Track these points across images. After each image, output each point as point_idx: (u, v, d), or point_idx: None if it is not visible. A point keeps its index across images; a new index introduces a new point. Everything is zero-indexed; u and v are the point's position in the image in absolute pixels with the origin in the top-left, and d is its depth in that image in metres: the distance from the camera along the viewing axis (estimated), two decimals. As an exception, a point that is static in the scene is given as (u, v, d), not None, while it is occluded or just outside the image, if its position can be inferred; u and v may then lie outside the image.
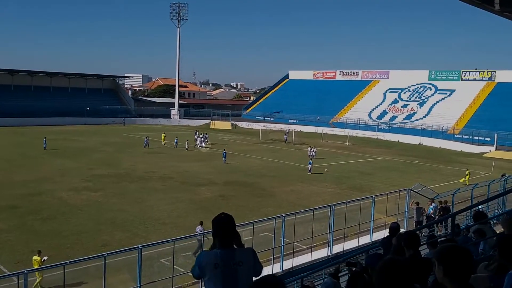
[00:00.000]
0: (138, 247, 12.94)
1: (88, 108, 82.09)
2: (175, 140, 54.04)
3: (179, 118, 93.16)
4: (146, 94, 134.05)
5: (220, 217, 3.99)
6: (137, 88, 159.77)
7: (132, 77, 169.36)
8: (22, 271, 11.06)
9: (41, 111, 77.15)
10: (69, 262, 12.28)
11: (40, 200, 26.46)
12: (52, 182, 31.29)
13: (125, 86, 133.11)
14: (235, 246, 3.96)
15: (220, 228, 3.93)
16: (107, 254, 12.46)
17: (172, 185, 31.92)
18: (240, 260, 3.86)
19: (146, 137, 53.18)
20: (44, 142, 46.89)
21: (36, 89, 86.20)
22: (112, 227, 21.89)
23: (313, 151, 46.37)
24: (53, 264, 12.80)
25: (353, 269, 7.21)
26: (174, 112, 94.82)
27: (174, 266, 14.11)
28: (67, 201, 26.42)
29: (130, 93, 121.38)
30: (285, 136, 63.83)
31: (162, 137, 55.81)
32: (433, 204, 22.09)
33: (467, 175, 36.66)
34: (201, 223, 18.74)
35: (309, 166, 38.84)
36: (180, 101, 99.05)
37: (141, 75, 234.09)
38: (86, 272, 14.92)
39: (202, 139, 55.26)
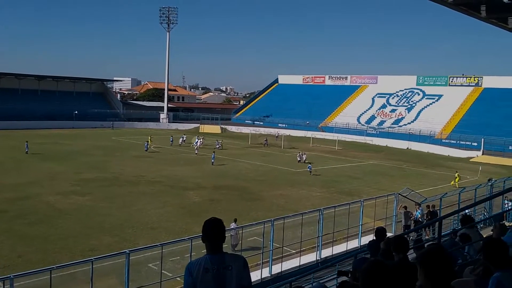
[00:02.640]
0: (125, 251, 12.87)
1: (76, 112, 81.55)
2: (171, 139, 59.46)
3: (168, 122, 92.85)
4: (135, 97, 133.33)
5: (210, 222, 3.96)
6: (126, 92, 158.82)
7: (121, 80, 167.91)
8: (8, 276, 10.93)
9: (29, 114, 76.41)
10: (56, 267, 12.16)
11: (27, 204, 26.18)
12: (40, 186, 30.99)
13: (114, 90, 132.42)
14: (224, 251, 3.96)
15: (210, 233, 3.91)
16: (95, 258, 12.37)
17: (160, 189, 31.78)
18: (229, 264, 3.85)
19: (147, 142, 53.49)
20: (26, 146, 46.27)
21: (23, 92, 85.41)
22: (100, 232, 21.73)
23: (303, 156, 46.72)
24: (40, 269, 12.67)
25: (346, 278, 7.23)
26: (163, 116, 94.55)
27: (162, 271, 14.03)
28: (54, 205, 26.18)
29: (119, 97, 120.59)
30: (264, 140, 64.25)
31: (149, 140, 55.61)
32: (420, 209, 22.26)
33: (456, 177, 37.16)
34: (235, 220, 19.71)
35: (309, 169, 40.13)
36: (169, 105, 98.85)
37: (130, 79, 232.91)
38: (73, 277, 14.80)
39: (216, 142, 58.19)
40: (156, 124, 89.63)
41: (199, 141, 55.33)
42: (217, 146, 56.11)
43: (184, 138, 60.36)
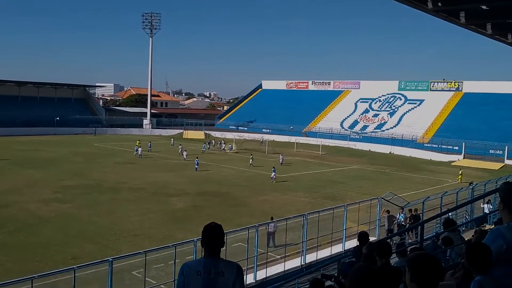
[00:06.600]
0: (108, 259, 12.72)
1: (57, 118, 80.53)
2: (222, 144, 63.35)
3: (151, 128, 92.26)
4: (117, 103, 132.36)
5: (209, 226, 3.97)
6: (109, 98, 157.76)
7: (104, 86, 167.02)
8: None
9: (9, 121, 75.24)
10: (37, 276, 11.96)
11: (6, 212, 25.71)
12: (20, 194, 30.48)
13: (96, 96, 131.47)
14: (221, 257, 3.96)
15: (209, 237, 3.91)
16: (77, 267, 12.21)
17: (143, 196, 31.52)
18: (222, 271, 3.84)
19: (137, 146, 53.55)
20: None
21: (4, 99, 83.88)
22: (82, 240, 21.45)
23: (281, 158, 47.32)
24: (20, 278, 12.44)
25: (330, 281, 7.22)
26: (146, 121, 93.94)
27: (146, 278, 13.92)
28: (35, 213, 25.77)
29: (101, 103, 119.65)
30: (229, 145, 64.43)
31: (137, 144, 55.37)
32: (403, 213, 22.44)
33: (460, 174, 39.74)
34: (272, 218, 20.67)
35: (273, 174, 38.89)
36: (152, 111, 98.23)
37: (112, 85, 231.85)
38: (55, 286, 14.56)
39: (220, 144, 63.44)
40: (139, 130, 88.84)
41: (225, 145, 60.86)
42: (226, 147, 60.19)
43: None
